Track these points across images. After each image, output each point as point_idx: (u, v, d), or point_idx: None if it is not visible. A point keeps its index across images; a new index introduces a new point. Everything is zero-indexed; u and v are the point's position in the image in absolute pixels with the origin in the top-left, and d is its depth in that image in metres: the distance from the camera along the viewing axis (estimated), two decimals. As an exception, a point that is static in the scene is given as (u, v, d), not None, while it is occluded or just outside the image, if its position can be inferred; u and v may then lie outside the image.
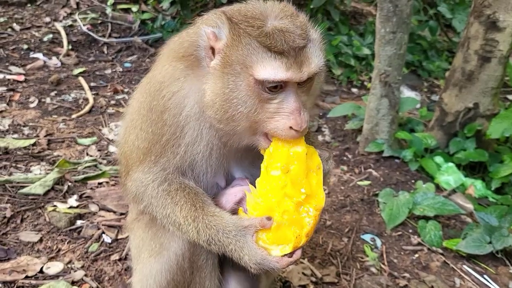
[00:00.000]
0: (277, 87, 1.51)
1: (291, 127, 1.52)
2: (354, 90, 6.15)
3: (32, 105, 4.45)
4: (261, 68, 1.47)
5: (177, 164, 1.71)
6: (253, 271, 1.59)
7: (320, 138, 4.73)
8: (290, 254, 1.56)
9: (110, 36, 6.24)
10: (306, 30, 1.55)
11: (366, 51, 6.41)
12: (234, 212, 1.71)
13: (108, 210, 3.14)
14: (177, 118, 1.65)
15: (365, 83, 6.27)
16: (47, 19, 6.27)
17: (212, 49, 1.56)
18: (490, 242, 3.13)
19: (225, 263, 1.97)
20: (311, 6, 6.62)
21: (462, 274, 3.04)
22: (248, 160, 1.82)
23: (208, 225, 1.62)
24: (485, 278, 3.02)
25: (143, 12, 6.67)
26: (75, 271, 2.58)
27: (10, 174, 3.32)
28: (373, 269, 3.00)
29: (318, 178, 1.61)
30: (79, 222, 2.97)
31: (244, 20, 1.52)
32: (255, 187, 1.63)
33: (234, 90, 1.51)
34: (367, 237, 3.29)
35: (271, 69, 1.47)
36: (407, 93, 6.21)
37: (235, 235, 1.58)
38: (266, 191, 1.58)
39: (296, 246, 1.56)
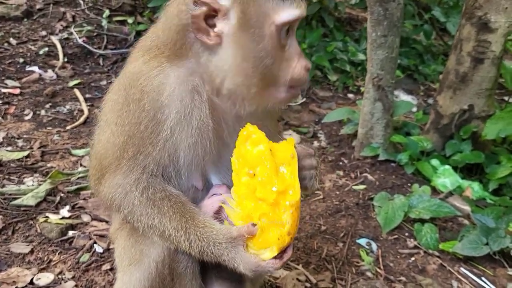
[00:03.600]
0: (288, 31, 1.56)
1: (305, 67, 1.60)
2: (350, 95, 6.15)
3: (27, 118, 4.47)
4: (281, 11, 1.50)
5: (157, 160, 1.64)
6: (251, 277, 1.60)
7: (315, 143, 4.72)
8: (280, 255, 1.55)
9: (105, 48, 6.27)
10: None
11: (361, 56, 6.41)
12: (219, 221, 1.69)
13: (101, 220, 3.12)
14: (157, 100, 1.59)
15: (361, 88, 6.26)
16: (43, 33, 6.31)
17: (206, 18, 1.51)
18: (487, 244, 3.09)
19: (208, 271, 1.93)
20: (306, 13, 6.64)
21: (459, 277, 3.00)
22: (226, 162, 1.78)
23: (200, 237, 1.60)
24: (482, 280, 2.98)
25: (139, 23, 6.71)
26: (66, 281, 2.56)
27: (3, 186, 3.31)
28: (368, 274, 2.97)
29: (292, 169, 1.58)
30: (70, 233, 2.95)
31: None
32: (232, 197, 1.61)
33: (259, 42, 1.52)
34: (362, 241, 3.26)
35: (289, 10, 1.51)
36: (403, 97, 6.20)
37: (226, 247, 1.57)
38: (241, 199, 1.57)
39: (282, 247, 1.54)
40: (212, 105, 1.66)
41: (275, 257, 1.54)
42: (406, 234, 3.37)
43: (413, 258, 3.14)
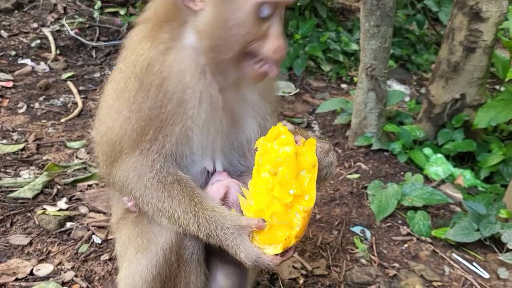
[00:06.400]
0: (271, 12, 1.59)
1: (279, 48, 1.61)
2: (344, 85, 6.18)
3: (20, 111, 4.46)
4: None
5: (175, 141, 1.71)
6: (248, 267, 1.64)
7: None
8: (282, 253, 1.61)
9: (98, 39, 6.25)
10: None
11: (354, 46, 6.43)
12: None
13: (98, 212, 3.15)
14: (180, 82, 1.67)
15: (354, 78, 6.29)
16: (35, 25, 6.26)
17: None
18: (478, 230, 3.16)
19: (213, 257, 1.99)
20: (299, 4, 6.65)
21: (451, 262, 3.07)
22: (230, 143, 1.86)
23: (209, 220, 1.66)
24: (474, 266, 3.05)
25: (131, 15, 6.67)
26: (65, 272, 2.59)
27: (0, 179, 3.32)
28: (363, 261, 3.02)
29: (312, 176, 1.62)
30: (68, 224, 2.98)
31: None
32: (247, 188, 1.67)
33: (236, 12, 1.56)
34: (356, 229, 3.32)
35: None
36: (396, 87, 6.25)
37: (232, 232, 1.63)
38: (257, 193, 1.62)
39: (287, 247, 1.59)
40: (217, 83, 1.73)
41: (276, 254, 1.60)
42: (399, 221, 3.43)
43: (406, 245, 3.21)
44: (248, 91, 1.84)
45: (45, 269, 2.59)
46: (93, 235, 2.90)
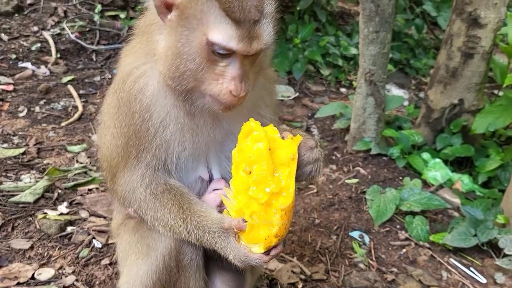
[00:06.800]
0: (226, 54, 1.55)
1: (231, 92, 1.56)
2: (343, 90, 6.21)
3: (21, 114, 4.47)
4: (216, 31, 1.50)
5: (157, 155, 1.73)
6: (240, 267, 1.66)
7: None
8: (267, 252, 1.60)
9: (98, 43, 6.26)
10: (263, 3, 1.56)
11: (353, 51, 6.47)
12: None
13: (99, 216, 3.17)
14: (143, 101, 1.68)
15: (353, 82, 6.32)
16: (35, 28, 6.28)
17: (167, 5, 1.56)
18: (475, 235, 3.19)
19: (211, 264, 2.02)
20: (298, 8, 6.68)
21: (449, 267, 3.10)
22: (226, 152, 1.85)
23: (196, 226, 1.70)
24: (471, 271, 3.08)
25: (131, 18, 6.69)
26: (66, 276, 2.61)
27: (0, 183, 3.33)
28: (361, 265, 3.05)
29: (291, 170, 1.58)
30: (69, 229, 3.00)
31: None
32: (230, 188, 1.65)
33: (186, 45, 1.54)
34: (355, 234, 3.34)
35: (225, 36, 1.50)
36: (395, 91, 6.29)
37: (219, 235, 1.66)
38: (237, 192, 1.60)
39: (269, 246, 1.58)
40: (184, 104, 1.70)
41: (264, 253, 1.60)
42: (398, 226, 3.46)
43: (404, 250, 3.23)
44: (223, 119, 1.79)
45: (46, 273, 2.61)
46: (93, 240, 2.92)
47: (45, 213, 3.07)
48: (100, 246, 2.88)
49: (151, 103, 1.68)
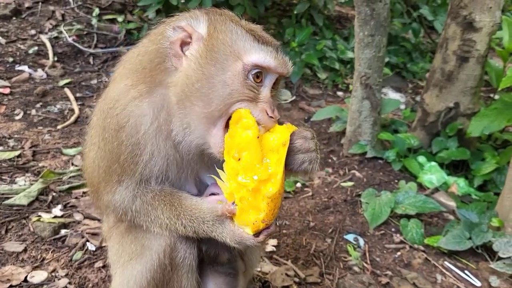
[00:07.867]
0: (259, 77, 1.61)
1: (266, 112, 1.60)
2: (340, 93, 6.23)
3: (17, 117, 4.48)
4: (251, 54, 1.58)
5: (141, 179, 1.75)
6: (238, 248, 1.72)
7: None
8: (257, 234, 1.62)
9: (96, 46, 6.28)
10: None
11: (350, 54, 6.48)
12: None
13: (93, 219, 3.16)
14: (135, 137, 1.67)
15: (350, 86, 6.33)
16: (33, 32, 6.30)
17: (182, 44, 1.61)
18: (470, 238, 3.19)
19: (205, 267, 2.02)
20: (295, 12, 6.71)
21: (444, 270, 3.09)
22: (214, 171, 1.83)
23: (190, 219, 1.73)
24: (466, 274, 3.07)
25: (129, 22, 6.72)
26: (59, 279, 2.61)
27: (-5, 186, 3.34)
28: (356, 268, 3.04)
29: (280, 155, 1.58)
30: (63, 231, 3.00)
31: (221, 13, 1.66)
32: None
33: (220, 73, 1.57)
34: (350, 237, 3.34)
35: (261, 56, 1.58)
36: (392, 95, 6.30)
37: (213, 223, 1.70)
38: (228, 177, 1.62)
39: (256, 230, 1.60)
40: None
41: (255, 234, 1.62)
42: (393, 229, 3.46)
43: (399, 253, 3.23)
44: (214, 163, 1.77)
45: (39, 276, 2.60)
46: (87, 242, 2.92)
47: (39, 215, 3.07)
48: (93, 249, 2.88)
49: (142, 140, 1.68)
